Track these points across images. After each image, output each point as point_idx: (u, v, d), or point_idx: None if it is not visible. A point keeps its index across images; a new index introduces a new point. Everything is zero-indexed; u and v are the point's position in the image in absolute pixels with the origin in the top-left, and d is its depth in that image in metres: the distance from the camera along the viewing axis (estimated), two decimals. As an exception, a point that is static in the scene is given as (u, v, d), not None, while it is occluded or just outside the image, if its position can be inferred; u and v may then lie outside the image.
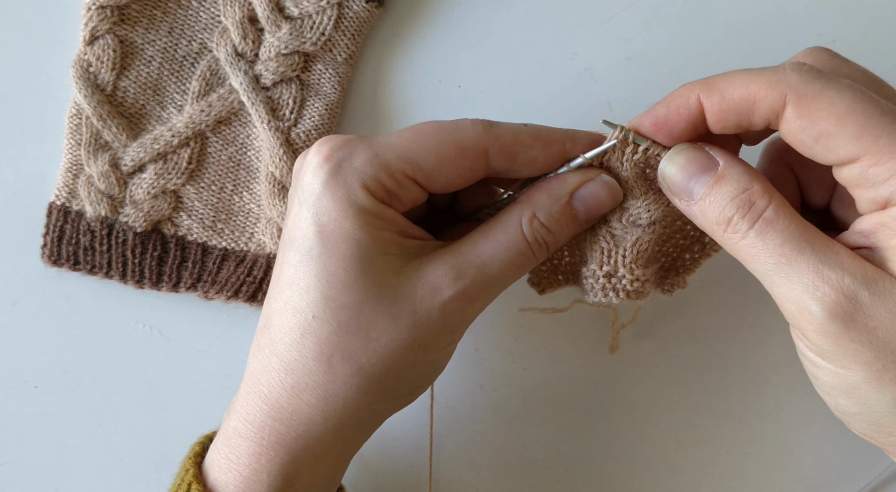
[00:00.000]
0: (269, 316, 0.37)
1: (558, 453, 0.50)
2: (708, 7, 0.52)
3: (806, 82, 0.32)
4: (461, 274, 0.36)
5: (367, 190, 0.35)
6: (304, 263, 0.35)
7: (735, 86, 0.33)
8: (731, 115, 0.34)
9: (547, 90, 0.52)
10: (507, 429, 0.50)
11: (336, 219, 0.35)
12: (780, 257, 0.32)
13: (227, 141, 0.51)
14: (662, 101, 0.36)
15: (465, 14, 0.53)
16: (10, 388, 0.50)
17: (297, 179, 0.37)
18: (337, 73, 0.51)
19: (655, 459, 0.50)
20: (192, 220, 0.50)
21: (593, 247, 0.40)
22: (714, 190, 0.34)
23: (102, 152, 0.50)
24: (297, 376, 0.36)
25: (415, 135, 0.36)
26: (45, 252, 0.50)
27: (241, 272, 0.49)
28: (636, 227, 0.39)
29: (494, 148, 0.37)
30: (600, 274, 0.39)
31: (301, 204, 0.36)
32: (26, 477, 0.50)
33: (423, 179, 0.36)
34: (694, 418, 0.51)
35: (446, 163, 0.36)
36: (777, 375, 0.50)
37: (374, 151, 0.36)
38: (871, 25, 0.52)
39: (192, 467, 0.39)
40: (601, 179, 0.38)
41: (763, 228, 0.33)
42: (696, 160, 0.35)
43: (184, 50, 0.51)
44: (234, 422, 0.38)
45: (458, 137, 0.36)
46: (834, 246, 0.32)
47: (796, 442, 0.50)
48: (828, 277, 0.31)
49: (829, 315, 0.31)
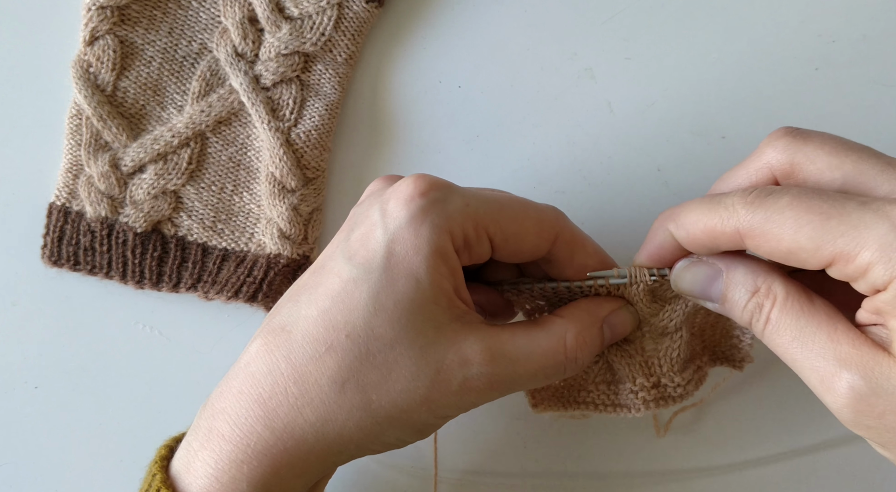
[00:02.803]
0: (294, 321, 0.36)
1: (559, 453, 0.50)
2: (708, 7, 0.52)
3: (751, 214, 0.33)
4: (493, 358, 0.36)
5: (451, 235, 0.36)
6: (357, 281, 0.35)
7: (694, 223, 0.36)
8: (700, 247, 0.37)
9: (547, 90, 0.52)
10: (507, 429, 0.50)
11: (408, 251, 0.35)
12: (792, 353, 0.34)
13: (227, 141, 0.51)
14: (648, 237, 0.39)
15: (465, 14, 0.53)
16: (10, 388, 0.50)
17: (378, 200, 0.37)
18: (337, 73, 0.51)
19: (656, 459, 0.50)
20: (192, 220, 0.50)
21: (629, 363, 0.42)
22: (726, 303, 0.37)
23: (102, 153, 0.50)
24: (305, 388, 0.35)
25: (503, 198, 0.38)
26: (45, 252, 0.50)
27: (241, 273, 0.49)
28: (664, 336, 0.42)
29: (563, 238, 0.39)
30: (648, 386, 0.42)
31: (377, 225, 0.36)
32: (26, 477, 0.50)
33: (499, 242, 0.38)
34: (695, 418, 0.50)
35: (524, 233, 0.38)
36: (781, 377, 0.50)
37: (466, 200, 0.37)
38: (871, 25, 0.52)
39: (159, 471, 0.36)
40: (628, 308, 0.41)
41: (772, 330, 0.35)
42: (699, 274, 0.38)
43: (184, 50, 0.51)
44: (219, 423, 0.36)
45: (539, 215, 0.39)
46: (835, 335, 0.33)
47: (799, 444, 0.50)
48: (828, 371, 0.33)
49: (837, 407, 0.33)
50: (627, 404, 0.43)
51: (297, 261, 0.50)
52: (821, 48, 0.52)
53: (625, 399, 0.43)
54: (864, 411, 0.32)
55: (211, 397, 0.38)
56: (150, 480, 0.37)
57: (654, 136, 0.51)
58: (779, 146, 0.36)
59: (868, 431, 0.33)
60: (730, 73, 0.52)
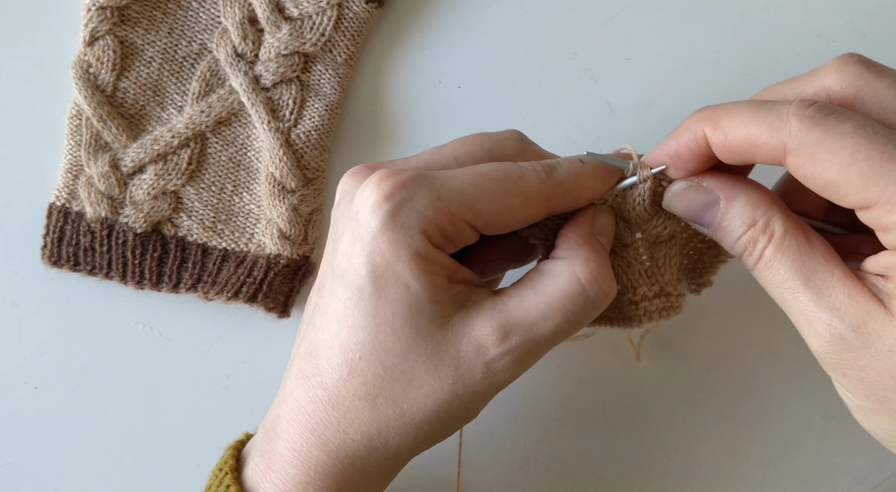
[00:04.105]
0: (316, 346, 0.36)
1: (559, 453, 0.50)
2: (708, 7, 0.52)
3: (806, 130, 0.31)
4: (508, 333, 0.35)
5: (426, 234, 0.34)
6: (353, 301, 0.35)
7: (737, 127, 0.33)
8: (734, 155, 0.34)
9: (547, 90, 0.52)
10: (507, 429, 0.50)
11: (389, 261, 0.34)
12: (783, 293, 0.33)
13: (227, 142, 0.51)
14: (673, 134, 0.36)
15: (465, 14, 0.53)
16: (10, 388, 0.50)
17: (350, 208, 0.35)
18: (337, 73, 0.51)
19: (656, 459, 0.50)
20: (192, 220, 0.50)
21: (628, 272, 0.39)
22: (719, 232, 0.35)
23: (102, 153, 0.50)
24: (344, 411, 0.35)
25: (478, 179, 0.35)
26: (45, 253, 0.50)
27: (241, 273, 0.49)
28: (659, 244, 0.39)
29: (557, 194, 0.36)
30: (650, 295, 0.39)
31: (355, 239, 0.35)
32: (26, 477, 0.50)
33: (483, 226, 0.35)
34: (695, 418, 0.50)
35: (509, 210, 0.35)
36: (779, 375, 0.50)
37: (436, 193, 0.34)
38: (871, 25, 0.52)
39: (233, 483, 0.38)
40: (600, 208, 0.38)
41: (764, 267, 0.34)
42: (695, 201, 0.36)
43: (184, 51, 0.51)
44: (280, 448, 0.37)
45: (522, 187, 0.35)
46: (831, 282, 0.32)
47: (800, 444, 0.50)
48: (819, 318, 0.32)
49: (821, 353, 0.32)
50: (629, 316, 0.40)
51: (297, 261, 0.50)
52: (821, 48, 0.52)
53: (626, 311, 0.40)
54: (847, 360, 0.31)
55: (267, 419, 0.39)
56: (222, 490, 0.38)
57: (654, 136, 0.51)
58: (848, 74, 0.33)
59: (843, 378, 0.32)
60: (730, 73, 0.52)
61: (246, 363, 0.51)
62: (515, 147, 0.38)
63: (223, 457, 0.40)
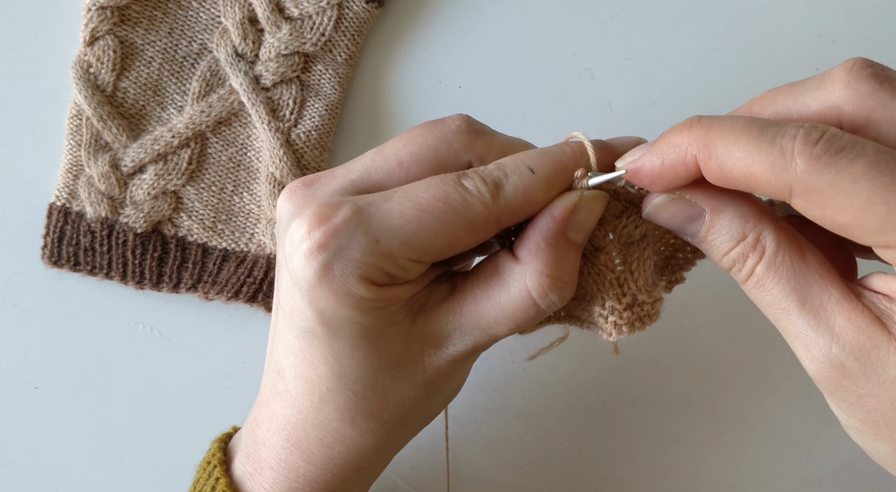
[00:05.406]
0: (281, 369, 0.36)
1: (559, 453, 0.50)
2: (708, 7, 0.52)
3: (814, 173, 0.27)
4: (465, 333, 0.35)
5: (368, 280, 0.32)
6: (306, 340, 0.34)
7: (735, 160, 0.29)
8: (730, 186, 0.30)
9: (547, 90, 0.52)
10: (507, 429, 0.50)
11: (335, 307, 0.32)
12: (776, 312, 0.31)
13: (227, 142, 0.51)
14: (657, 147, 0.32)
15: (465, 14, 0.53)
16: (10, 388, 0.50)
17: (283, 245, 0.33)
18: (337, 73, 0.51)
19: (656, 459, 0.50)
20: (192, 220, 0.50)
21: (599, 281, 0.36)
22: (705, 243, 0.33)
23: (103, 153, 0.50)
24: (324, 431, 0.36)
25: (419, 215, 0.32)
26: (46, 253, 0.50)
27: (241, 273, 0.49)
28: (631, 245, 0.36)
29: (506, 216, 0.33)
30: (620, 308, 0.36)
31: (293, 283, 0.33)
32: (26, 477, 0.50)
33: (430, 259, 0.33)
34: (695, 418, 0.50)
35: (455, 242, 0.33)
36: (779, 375, 0.50)
37: (373, 236, 0.31)
38: (871, 25, 0.52)
39: (223, 475, 0.38)
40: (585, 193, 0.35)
41: (755, 285, 0.32)
42: (677, 214, 0.33)
43: (184, 51, 0.51)
44: (264, 454, 0.37)
45: (467, 216, 0.32)
46: (828, 303, 0.30)
47: (799, 444, 0.50)
48: (816, 342, 0.30)
49: (818, 378, 0.30)
50: (600, 327, 0.37)
51: (297, 261, 0.50)
52: (821, 48, 0.52)
53: (596, 321, 0.37)
54: (846, 387, 0.30)
55: (249, 421, 0.39)
56: (212, 482, 0.38)
57: (654, 136, 0.51)
58: (860, 91, 0.29)
59: (841, 402, 0.31)
60: (730, 73, 0.52)
61: (246, 363, 0.51)
62: (463, 142, 0.35)
63: (210, 450, 0.40)
